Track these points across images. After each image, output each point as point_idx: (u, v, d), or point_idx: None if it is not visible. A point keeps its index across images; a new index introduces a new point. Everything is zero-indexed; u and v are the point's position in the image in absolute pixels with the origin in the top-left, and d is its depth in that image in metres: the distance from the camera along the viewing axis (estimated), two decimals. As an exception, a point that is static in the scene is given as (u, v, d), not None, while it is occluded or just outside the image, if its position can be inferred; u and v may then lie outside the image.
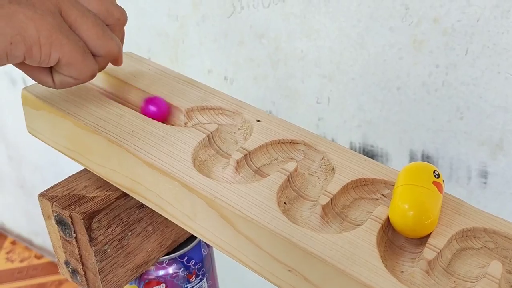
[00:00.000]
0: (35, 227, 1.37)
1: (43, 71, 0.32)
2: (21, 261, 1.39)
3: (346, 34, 0.57)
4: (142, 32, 0.76)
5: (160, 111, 0.37)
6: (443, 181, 0.30)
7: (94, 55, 0.32)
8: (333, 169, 0.34)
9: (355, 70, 0.58)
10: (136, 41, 0.77)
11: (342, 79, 0.60)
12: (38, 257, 1.40)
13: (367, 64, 0.57)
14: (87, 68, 0.31)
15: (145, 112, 0.37)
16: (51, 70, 0.32)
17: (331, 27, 0.58)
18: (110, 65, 0.43)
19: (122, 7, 0.35)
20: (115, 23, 0.33)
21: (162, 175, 0.33)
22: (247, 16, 0.64)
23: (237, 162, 0.34)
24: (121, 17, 0.34)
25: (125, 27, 0.36)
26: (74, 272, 0.38)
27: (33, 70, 0.32)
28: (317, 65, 0.61)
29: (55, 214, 0.36)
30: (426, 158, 0.58)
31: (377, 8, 0.54)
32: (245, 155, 0.34)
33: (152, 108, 0.37)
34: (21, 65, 0.32)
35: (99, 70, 0.34)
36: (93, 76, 0.33)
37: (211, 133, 0.36)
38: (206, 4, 0.67)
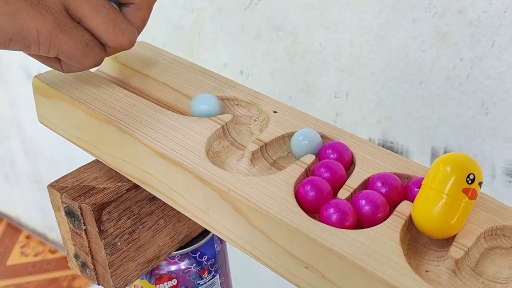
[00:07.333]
0: (50, 221, 1.38)
1: (51, 59, 0.33)
2: (35, 255, 1.40)
3: (366, 26, 0.55)
4: (157, 25, 0.75)
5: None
6: (479, 183, 0.27)
7: (104, 45, 0.33)
8: (353, 162, 0.32)
9: (375, 63, 0.57)
10: (151, 35, 0.76)
11: (362, 73, 0.58)
12: (52, 251, 1.41)
13: (389, 58, 0.55)
14: (88, 60, 0.32)
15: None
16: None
17: (351, 19, 0.56)
18: (123, 54, 0.42)
19: None
20: (141, 2, 0.34)
21: (174, 166, 0.31)
22: (264, 8, 0.63)
23: (253, 154, 0.33)
24: None
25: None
26: (83, 265, 0.37)
27: (42, 58, 0.33)
28: (335, 59, 0.59)
29: (64, 205, 0.35)
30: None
31: (400, -1, 0.52)
32: (261, 147, 0.33)
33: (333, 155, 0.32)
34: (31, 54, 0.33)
35: (109, 55, 0.34)
36: (96, 65, 0.34)
37: (226, 123, 0.35)
38: (223, -4, 0.66)
